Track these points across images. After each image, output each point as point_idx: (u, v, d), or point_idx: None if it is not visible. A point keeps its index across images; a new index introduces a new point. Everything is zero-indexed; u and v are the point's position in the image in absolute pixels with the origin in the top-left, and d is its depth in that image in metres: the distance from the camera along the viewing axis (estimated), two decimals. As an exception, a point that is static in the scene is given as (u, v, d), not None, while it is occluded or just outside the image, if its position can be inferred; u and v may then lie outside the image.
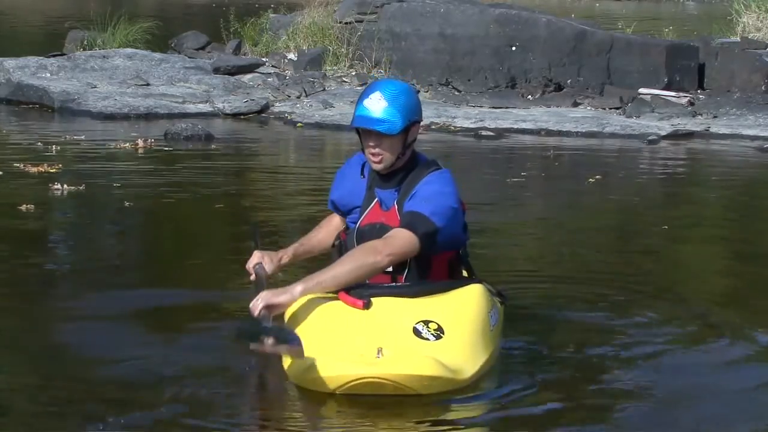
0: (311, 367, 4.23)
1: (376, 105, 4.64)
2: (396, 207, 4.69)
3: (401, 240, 4.53)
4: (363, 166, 4.82)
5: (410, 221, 4.57)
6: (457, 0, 14.59)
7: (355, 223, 4.78)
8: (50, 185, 8.28)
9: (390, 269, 4.61)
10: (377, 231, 4.64)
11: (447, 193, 4.68)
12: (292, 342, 4.25)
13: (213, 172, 9.56)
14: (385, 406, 4.19)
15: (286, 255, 4.95)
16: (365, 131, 4.66)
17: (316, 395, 4.26)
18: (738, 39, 16.09)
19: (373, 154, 4.66)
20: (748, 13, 17.28)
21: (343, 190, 4.86)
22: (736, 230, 8.06)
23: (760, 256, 7.06)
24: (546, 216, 8.42)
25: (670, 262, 6.88)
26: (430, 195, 4.63)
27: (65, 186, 8.26)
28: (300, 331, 4.43)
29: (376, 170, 4.71)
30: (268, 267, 4.86)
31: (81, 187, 8.28)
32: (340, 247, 4.84)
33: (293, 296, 4.49)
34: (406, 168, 4.73)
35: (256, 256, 4.92)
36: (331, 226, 5.04)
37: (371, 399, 4.20)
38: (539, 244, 7.32)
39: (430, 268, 4.68)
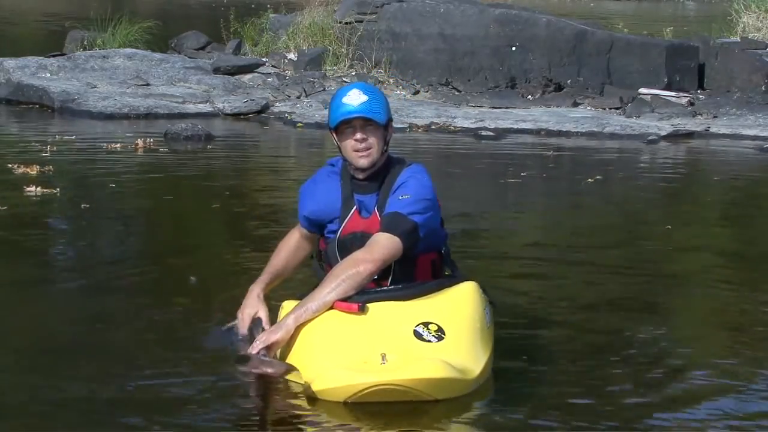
0: (318, 379, 4.19)
1: (358, 99, 4.62)
2: (377, 212, 4.65)
3: (381, 245, 4.49)
4: (338, 174, 4.76)
5: (389, 223, 4.54)
6: (457, 0, 14.59)
7: (334, 232, 4.73)
8: (24, 187, 8.26)
9: (374, 276, 4.58)
10: (359, 240, 4.60)
11: (422, 187, 4.65)
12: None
13: (212, 172, 9.56)
14: (388, 412, 4.17)
15: (261, 293, 4.83)
16: (349, 127, 4.62)
17: (320, 402, 4.23)
18: (738, 39, 16.10)
19: (361, 149, 4.62)
20: (748, 13, 17.30)
21: (318, 203, 4.77)
22: (737, 230, 8.06)
23: (761, 255, 7.05)
24: (546, 216, 8.41)
25: (671, 261, 6.87)
26: (405, 191, 4.61)
27: (38, 188, 8.22)
28: (299, 343, 4.40)
29: (363, 167, 4.64)
30: (265, 322, 4.73)
31: (55, 191, 8.25)
32: (320, 257, 4.81)
33: (288, 330, 4.42)
34: (384, 170, 4.70)
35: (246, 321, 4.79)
36: (290, 246, 4.94)
37: (377, 405, 4.16)
38: (539, 244, 7.31)
39: (414, 271, 4.65)
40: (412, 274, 4.65)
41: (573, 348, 5.03)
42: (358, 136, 4.62)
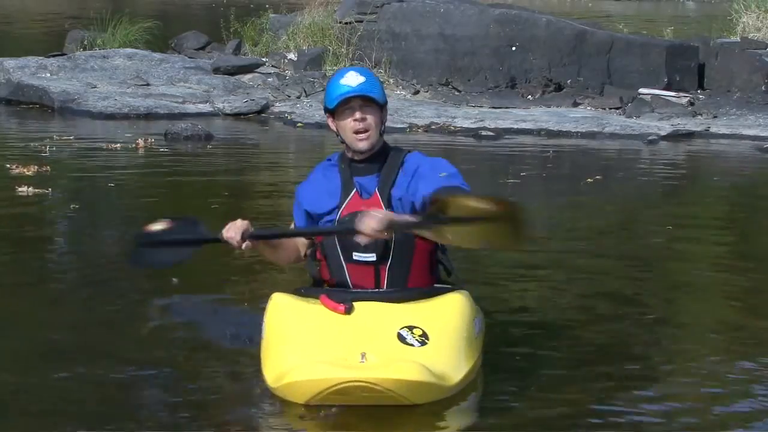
0: (292, 371, 4.15)
1: (356, 80, 4.59)
2: (378, 193, 4.61)
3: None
4: (335, 165, 4.71)
5: (453, 193, 4.45)
6: (457, 0, 14.60)
7: (332, 221, 4.64)
8: (16, 187, 8.24)
9: (373, 258, 4.54)
10: None
11: (447, 164, 4.67)
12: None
13: (212, 172, 9.56)
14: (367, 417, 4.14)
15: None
16: (347, 108, 4.58)
17: (293, 406, 4.19)
18: (738, 39, 16.10)
19: (360, 130, 4.58)
20: (748, 13, 17.29)
21: (317, 195, 4.70)
22: (737, 230, 8.06)
23: (761, 255, 7.05)
24: (545, 216, 8.41)
25: (671, 261, 6.87)
26: (441, 167, 4.60)
27: (30, 189, 8.21)
28: (281, 335, 4.37)
29: (362, 150, 4.60)
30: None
31: (47, 191, 8.23)
32: (314, 255, 4.72)
33: (387, 221, 4.28)
34: (382, 153, 4.68)
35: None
36: (290, 243, 4.84)
37: (354, 409, 4.13)
38: (538, 244, 7.31)
39: (412, 257, 4.59)
40: (410, 259, 4.59)
41: (569, 348, 5.02)
42: (358, 115, 4.58)
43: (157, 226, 4.81)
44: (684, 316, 5.69)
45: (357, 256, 4.56)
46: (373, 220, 4.31)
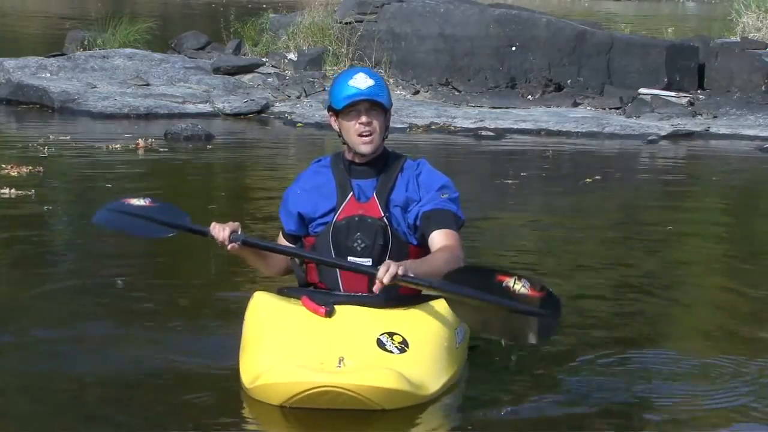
0: (267, 373, 4.12)
1: (365, 83, 4.55)
2: (376, 197, 4.58)
3: (459, 244, 4.52)
4: (328, 167, 4.69)
5: (446, 220, 4.52)
6: (457, 0, 14.60)
7: (325, 224, 4.60)
8: None
9: (369, 262, 4.48)
10: (355, 223, 4.53)
11: (450, 184, 4.66)
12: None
13: (212, 172, 9.56)
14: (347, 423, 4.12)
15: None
16: (354, 110, 4.54)
17: (267, 408, 4.16)
18: (738, 39, 16.11)
19: (365, 133, 4.55)
20: (748, 13, 17.31)
21: (311, 198, 4.65)
22: (737, 230, 8.06)
23: (761, 255, 7.06)
24: (545, 216, 8.41)
25: (671, 261, 6.87)
26: (444, 189, 4.60)
27: (13, 190, 8.18)
28: (259, 335, 4.34)
29: (365, 153, 4.57)
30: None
31: (30, 192, 8.20)
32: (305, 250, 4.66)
33: (393, 272, 4.25)
34: (382, 158, 4.64)
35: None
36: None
37: (334, 415, 4.11)
38: (538, 245, 7.32)
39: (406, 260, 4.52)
40: (405, 260, 4.49)
41: (566, 348, 5.01)
42: (364, 119, 4.54)
43: (138, 202, 4.91)
44: (684, 316, 5.69)
45: (353, 260, 4.51)
46: (393, 270, 4.24)
